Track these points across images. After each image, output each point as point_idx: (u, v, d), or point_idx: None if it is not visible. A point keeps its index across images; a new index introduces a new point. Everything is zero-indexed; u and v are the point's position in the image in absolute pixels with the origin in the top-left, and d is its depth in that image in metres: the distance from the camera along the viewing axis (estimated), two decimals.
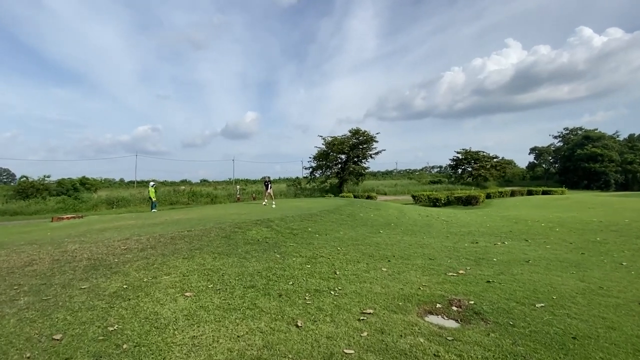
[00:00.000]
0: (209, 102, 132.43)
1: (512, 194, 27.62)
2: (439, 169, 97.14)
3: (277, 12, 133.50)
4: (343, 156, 34.13)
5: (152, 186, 15.03)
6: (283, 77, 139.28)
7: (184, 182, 69.38)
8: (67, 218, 17.93)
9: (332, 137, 33.63)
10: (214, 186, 47.87)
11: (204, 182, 68.47)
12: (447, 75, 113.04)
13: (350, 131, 33.34)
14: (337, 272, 4.96)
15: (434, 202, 22.53)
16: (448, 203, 22.79)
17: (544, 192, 28.68)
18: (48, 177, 26.04)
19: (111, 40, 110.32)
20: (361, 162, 34.98)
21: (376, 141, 33.27)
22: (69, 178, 31.50)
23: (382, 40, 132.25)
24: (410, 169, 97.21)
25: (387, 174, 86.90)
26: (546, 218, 12.26)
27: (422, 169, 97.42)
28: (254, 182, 58.55)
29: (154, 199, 14.90)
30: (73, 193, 25.36)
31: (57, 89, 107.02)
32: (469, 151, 53.90)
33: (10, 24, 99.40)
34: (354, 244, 7.07)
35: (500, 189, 27.16)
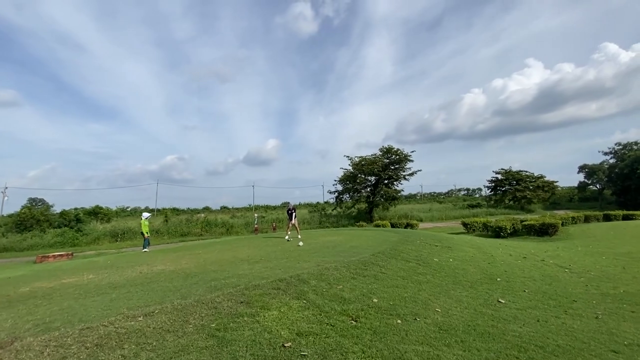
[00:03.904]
0: (232, 131, 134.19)
1: (586, 219, 22.53)
2: (466, 192, 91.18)
3: (296, 44, 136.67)
4: (372, 178, 30.34)
5: (146, 218, 11.84)
6: (303, 105, 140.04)
7: (205, 209, 67.76)
8: (54, 257, 15.02)
9: (359, 156, 30.10)
10: (232, 213, 45.10)
11: (223, 209, 66.25)
12: (467, 97, 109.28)
13: (380, 150, 29.72)
14: None
15: (497, 233, 18.02)
16: (514, 232, 18.22)
17: (625, 217, 23.36)
18: (51, 206, 23.77)
19: (143, 77, 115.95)
20: (393, 184, 31.00)
21: (411, 160, 29.41)
22: (75, 208, 29.36)
23: (399, 66, 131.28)
24: (435, 192, 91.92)
25: (411, 198, 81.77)
26: None
27: (447, 192, 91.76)
28: (274, 208, 55.41)
29: (146, 235, 11.64)
30: (76, 225, 22.86)
31: (93, 124, 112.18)
32: (510, 171, 48.65)
33: (55, 66, 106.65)
34: (488, 349, 3.21)
35: (572, 214, 22.21)
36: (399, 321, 3.85)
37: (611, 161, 52.03)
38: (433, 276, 6.12)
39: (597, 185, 55.81)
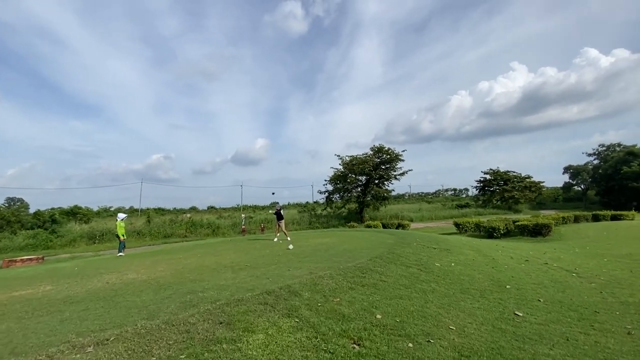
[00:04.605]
0: (220, 130, 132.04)
1: (576, 219, 22.57)
2: (453, 192, 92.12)
3: (286, 43, 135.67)
4: (363, 178, 29.84)
5: (121, 219, 10.88)
6: (292, 105, 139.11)
7: (191, 209, 66.08)
8: (22, 261, 13.85)
9: (350, 156, 29.55)
10: (219, 214, 43.93)
11: (210, 209, 64.74)
12: (454, 99, 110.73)
13: (372, 149, 29.23)
14: None
15: (490, 233, 17.73)
16: (507, 233, 17.97)
17: (613, 217, 23.54)
18: (28, 207, 22.28)
19: (128, 74, 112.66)
20: (384, 184, 30.57)
21: (402, 160, 29.02)
22: (52, 208, 27.76)
23: (388, 67, 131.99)
24: (423, 192, 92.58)
25: (400, 198, 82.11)
26: None
27: (435, 192, 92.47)
28: (263, 208, 54.42)
29: (122, 238, 10.70)
30: (50, 226, 21.48)
31: (75, 122, 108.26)
32: (498, 171, 49.06)
33: (35, 61, 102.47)
34: None
35: (563, 215, 22.21)
36: (410, 344, 3.22)
37: (595, 162, 53.20)
38: (438, 284, 5.53)
39: (582, 186, 57.02)
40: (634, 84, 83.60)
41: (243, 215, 25.69)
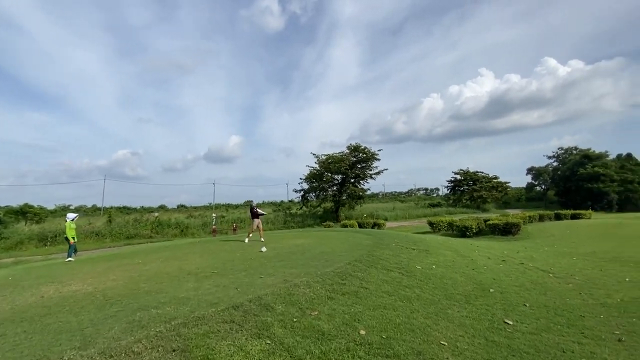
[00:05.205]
0: (192, 126, 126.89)
1: (541, 218, 23.61)
2: (425, 191, 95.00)
3: (262, 39, 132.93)
4: (339, 176, 29.59)
5: (71, 220, 9.66)
6: (268, 102, 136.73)
7: (160, 208, 63.02)
8: None
9: (326, 154, 29.18)
10: (189, 213, 42.08)
11: (180, 207, 62.07)
12: (426, 102, 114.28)
13: (348, 148, 29.04)
14: None
15: (463, 232, 18.01)
16: (479, 232, 18.34)
17: (573, 216, 24.88)
18: None
19: (92, 64, 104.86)
20: (359, 183, 30.51)
21: (378, 159, 29.05)
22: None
23: (364, 68, 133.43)
24: (396, 192, 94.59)
25: (374, 197, 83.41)
26: None
27: (408, 192, 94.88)
28: (236, 207, 52.94)
29: (72, 240, 9.52)
30: None
31: (32, 113, 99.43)
32: (468, 172, 50.80)
33: None
34: None
35: (529, 214, 23.14)
36: None
37: (554, 164, 56.59)
38: (422, 290, 5.18)
39: (543, 186, 60.41)
40: (587, 93, 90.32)
41: (214, 215, 24.53)
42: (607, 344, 3.57)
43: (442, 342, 3.36)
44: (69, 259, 9.31)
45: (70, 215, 9.92)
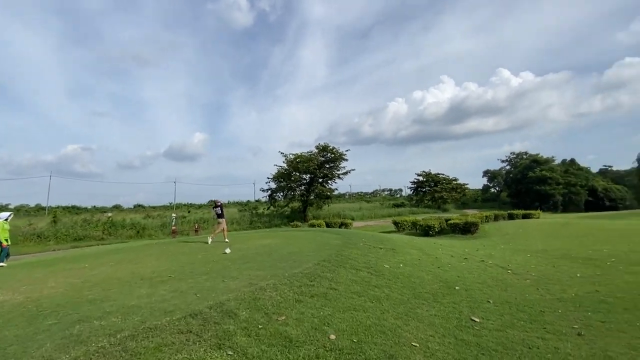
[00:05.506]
0: (153, 121, 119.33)
1: (496, 218, 25.15)
2: (389, 192, 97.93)
3: (229, 34, 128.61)
4: (307, 176, 29.41)
5: (4, 220, 8.45)
6: (234, 100, 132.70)
7: (114, 208, 58.76)
8: None
9: (295, 154, 28.88)
10: (147, 213, 39.67)
11: (138, 207, 58.31)
12: (391, 105, 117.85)
13: (317, 147, 28.95)
14: None
15: (426, 231, 18.62)
16: (441, 231, 19.07)
17: (524, 216, 26.81)
18: None
19: (37, 50, 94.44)
20: (327, 182, 30.56)
21: (345, 159, 29.28)
22: None
23: (332, 70, 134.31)
24: (362, 192, 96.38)
25: (341, 197, 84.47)
26: (608, 255, 8.67)
27: (373, 192, 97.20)
28: (199, 207, 50.79)
29: (4, 243, 8.36)
30: None
31: None
32: (430, 174, 53.02)
33: None
34: None
35: (485, 214, 24.55)
36: None
37: (507, 168, 60.89)
38: (390, 289, 5.12)
39: (497, 188, 64.68)
40: (536, 103, 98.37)
41: (174, 215, 23.19)
42: (568, 338, 3.70)
43: (413, 344, 3.26)
44: (1, 264, 8.17)
45: (3, 215, 8.72)
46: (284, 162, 29.11)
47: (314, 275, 5.16)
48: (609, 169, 63.82)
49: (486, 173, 63.35)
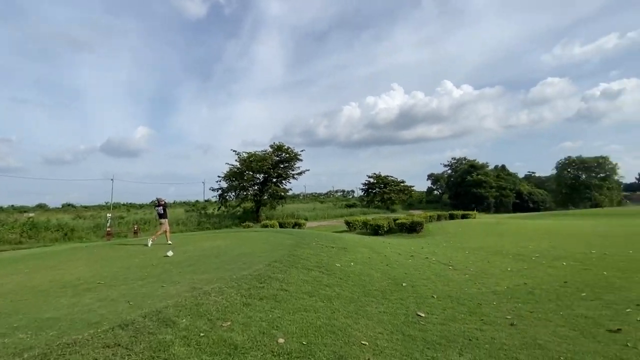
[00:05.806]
0: (88, 111, 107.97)
1: (439, 218, 26.98)
2: (342, 193, 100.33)
3: (179, 24, 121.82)
4: (261, 176, 28.77)
5: None
6: (184, 94, 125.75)
7: (38, 207, 51.66)
8: None
9: (248, 152, 28.07)
10: (78, 213, 35.68)
11: (67, 207, 51.99)
12: (345, 109, 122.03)
13: (271, 146, 28.43)
14: None
15: (376, 230, 19.28)
16: (389, 230, 19.88)
17: (463, 216, 29.15)
18: None
19: None
20: (282, 182, 30.21)
21: (300, 159, 29.21)
22: None
23: (288, 70, 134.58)
24: (316, 193, 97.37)
25: (295, 197, 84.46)
26: (533, 251, 9.80)
27: (327, 193, 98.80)
28: (140, 206, 46.96)
29: None
30: None
31: None
32: (380, 176, 55.31)
33: None
34: None
35: (429, 214, 26.21)
36: None
37: (449, 172, 65.94)
38: (341, 288, 5.12)
39: (439, 190, 69.63)
40: (473, 113, 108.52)
41: (109, 215, 21.04)
42: (502, 328, 3.99)
43: (363, 342, 3.26)
44: None
45: None
46: (236, 160, 28.16)
47: (264, 277, 4.96)
48: (533, 174, 72.48)
49: (430, 176, 67.91)
